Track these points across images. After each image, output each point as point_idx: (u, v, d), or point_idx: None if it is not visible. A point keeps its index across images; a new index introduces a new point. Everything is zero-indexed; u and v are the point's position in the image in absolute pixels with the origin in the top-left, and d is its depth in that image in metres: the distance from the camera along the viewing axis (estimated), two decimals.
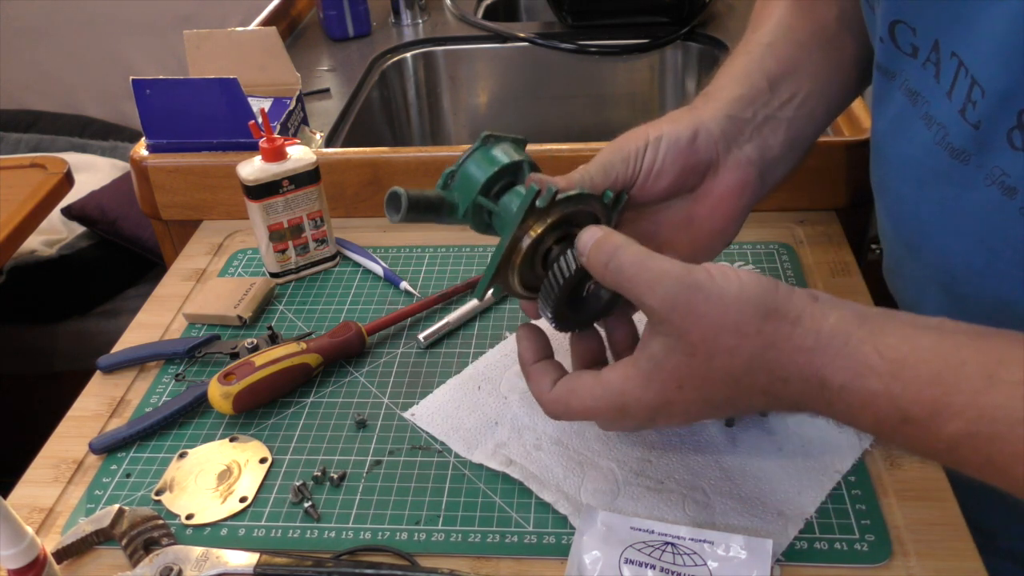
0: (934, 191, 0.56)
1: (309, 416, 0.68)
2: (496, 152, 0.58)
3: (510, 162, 0.58)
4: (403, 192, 0.56)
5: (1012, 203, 0.50)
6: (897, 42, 0.56)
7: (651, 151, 0.59)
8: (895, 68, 0.58)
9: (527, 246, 0.55)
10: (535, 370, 0.56)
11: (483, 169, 0.58)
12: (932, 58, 0.53)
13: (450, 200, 0.58)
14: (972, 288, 0.57)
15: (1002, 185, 0.51)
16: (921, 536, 0.55)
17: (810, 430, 0.62)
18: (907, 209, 0.61)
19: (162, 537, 0.58)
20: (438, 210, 0.58)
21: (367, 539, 0.58)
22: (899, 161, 0.61)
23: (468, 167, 0.58)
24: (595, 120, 1.33)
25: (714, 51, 1.22)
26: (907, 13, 0.55)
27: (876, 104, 0.64)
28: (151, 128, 0.90)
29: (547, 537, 0.57)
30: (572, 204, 0.55)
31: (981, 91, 0.49)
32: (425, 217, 0.57)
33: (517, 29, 1.28)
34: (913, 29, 0.54)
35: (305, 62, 1.23)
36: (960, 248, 0.56)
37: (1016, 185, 0.50)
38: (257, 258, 0.86)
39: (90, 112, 2.21)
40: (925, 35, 0.54)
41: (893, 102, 0.60)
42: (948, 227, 0.57)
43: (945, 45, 0.52)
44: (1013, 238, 0.52)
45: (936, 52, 0.53)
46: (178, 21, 2.00)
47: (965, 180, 0.53)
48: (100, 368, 0.74)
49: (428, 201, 0.57)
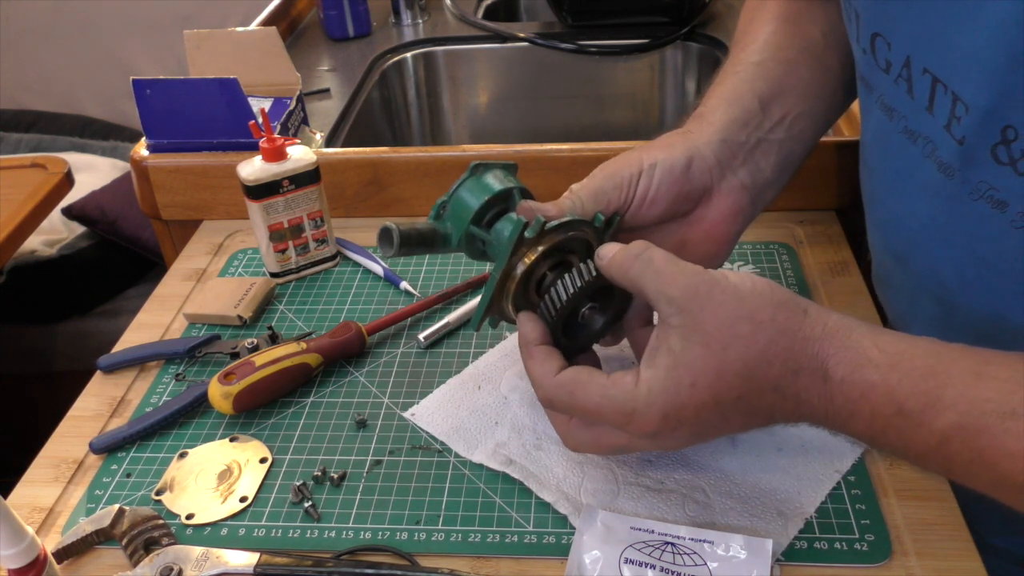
0: (922, 204, 0.57)
1: (309, 416, 0.68)
2: (486, 180, 0.59)
3: (501, 190, 0.59)
4: (395, 228, 0.57)
5: (1004, 216, 0.51)
6: (875, 55, 0.56)
7: (645, 179, 0.59)
8: (873, 81, 0.58)
9: (521, 273, 0.56)
10: (539, 351, 0.54)
11: (474, 198, 0.59)
12: (903, 74, 0.54)
13: (442, 231, 0.59)
14: (964, 299, 0.57)
15: (991, 199, 0.51)
16: (921, 536, 0.55)
17: (810, 430, 0.62)
18: (896, 221, 0.61)
19: (162, 537, 0.58)
20: (431, 242, 0.59)
21: (367, 539, 0.58)
22: (886, 174, 0.61)
23: (459, 197, 0.59)
24: (595, 120, 1.33)
25: (714, 51, 1.22)
26: (884, 27, 0.55)
27: (861, 114, 0.64)
28: (151, 128, 0.90)
29: (547, 537, 0.57)
30: (562, 232, 0.56)
31: (965, 107, 0.49)
32: (418, 250, 0.58)
33: (517, 29, 1.28)
34: (889, 44, 0.54)
35: (305, 62, 1.23)
36: (950, 259, 0.56)
37: (1007, 199, 0.50)
38: (257, 258, 0.86)
39: (90, 112, 2.21)
40: (898, 50, 0.54)
41: (873, 115, 0.60)
42: (937, 238, 0.57)
43: (917, 61, 0.52)
44: (1006, 250, 0.52)
45: (907, 68, 0.53)
46: (178, 21, 2.01)
47: (952, 194, 0.53)
48: (100, 368, 0.74)
49: (420, 235, 0.58)
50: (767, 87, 0.64)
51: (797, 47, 0.66)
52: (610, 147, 0.85)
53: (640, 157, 0.60)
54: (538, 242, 0.55)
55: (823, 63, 0.66)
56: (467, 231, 0.59)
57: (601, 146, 0.86)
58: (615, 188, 0.59)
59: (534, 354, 0.54)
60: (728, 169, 0.61)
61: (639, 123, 1.32)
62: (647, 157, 0.60)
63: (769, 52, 0.66)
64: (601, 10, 1.27)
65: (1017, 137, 0.47)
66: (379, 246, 0.58)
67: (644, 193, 0.59)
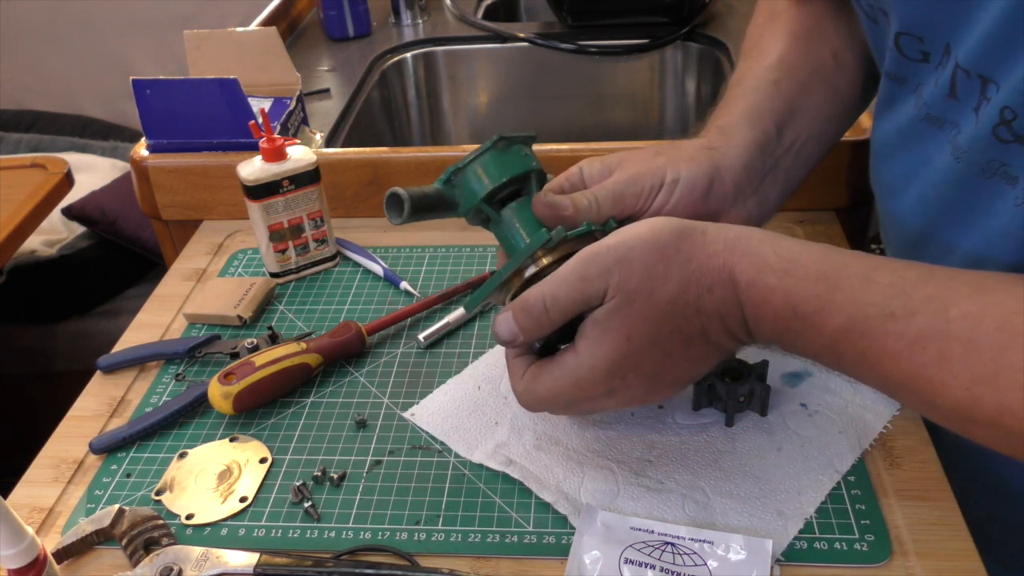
0: (943, 188, 0.57)
1: (309, 416, 0.68)
2: (506, 158, 0.58)
3: (519, 173, 0.58)
4: (405, 193, 0.55)
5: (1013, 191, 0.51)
6: (903, 51, 0.56)
7: (665, 193, 0.60)
8: (906, 74, 0.58)
9: (529, 276, 0.56)
10: (513, 364, 0.58)
11: (491, 177, 0.57)
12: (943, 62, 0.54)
13: (450, 196, 0.58)
14: None
15: (1006, 175, 0.52)
16: (921, 536, 0.55)
17: (810, 430, 0.62)
18: (915, 208, 0.61)
19: (162, 537, 0.58)
20: (438, 207, 0.58)
21: (367, 539, 0.58)
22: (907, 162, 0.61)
23: (475, 170, 0.58)
24: (595, 120, 1.33)
25: (714, 51, 1.22)
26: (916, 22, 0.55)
27: (881, 110, 0.64)
28: (151, 128, 0.91)
29: (547, 537, 0.57)
30: (579, 243, 0.56)
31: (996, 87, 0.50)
32: (426, 216, 0.58)
33: (517, 29, 1.28)
34: (921, 38, 0.55)
35: (305, 62, 1.23)
36: (965, 241, 0.56)
37: (1018, 174, 0.51)
38: (257, 258, 0.86)
39: (90, 112, 2.21)
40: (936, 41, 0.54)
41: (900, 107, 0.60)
42: (954, 219, 0.57)
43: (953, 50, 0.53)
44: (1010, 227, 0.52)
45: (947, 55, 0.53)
46: (178, 21, 2.01)
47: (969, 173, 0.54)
48: (100, 368, 0.74)
49: (429, 200, 0.57)
50: (783, 108, 0.64)
51: (809, 68, 0.66)
52: (610, 147, 0.85)
53: (664, 168, 0.60)
54: (553, 248, 0.56)
55: (833, 85, 0.67)
56: (477, 205, 0.58)
57: (601, 146, 0.86)
58: (634, 196, 0.59)
59: (510, 367, 0.58)
60: (740, 197, 0.62)
61: (639, 123, 1.32)
62: (671, 170, 0.60)
63: (784, 72, 0.66)
64: (601, 10, 1.27)
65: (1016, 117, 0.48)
66: (387, 213, 0.57)
67: (661, 207, 0.59)
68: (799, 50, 0.67)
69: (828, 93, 0.66)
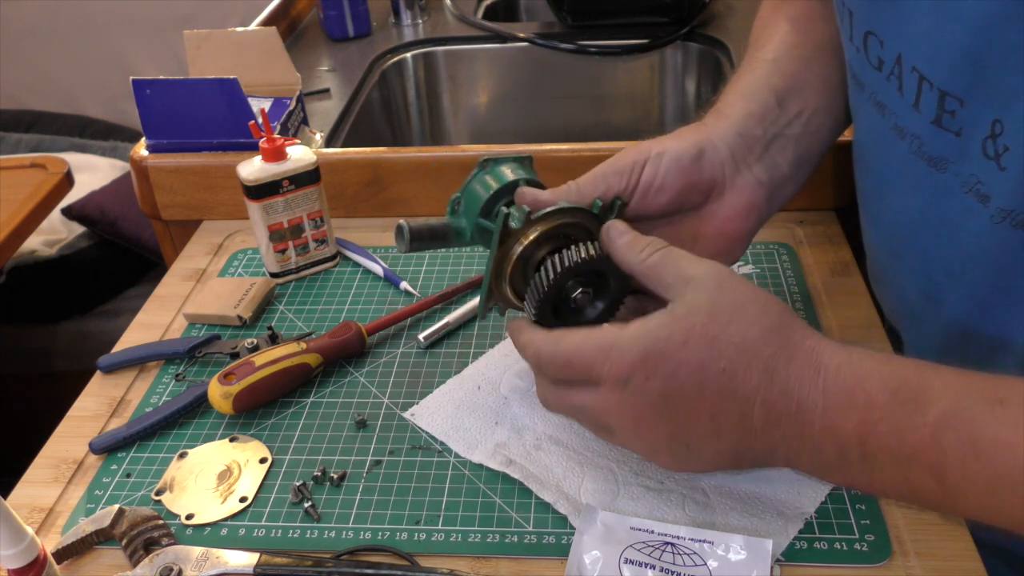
0: (914, 199, 0.57)
1: (309, 416, 0.68)
2: (493, 174, 0.61)
3: (506, 183, 0.60)
4: (405, 224, 0.59)
5: (986, 210, 0.51)
6: (868, 53, 0.57)
7: (651, 166, 0.59)
8: (865, 79, 0.58)
9: (517, 256, 0.57)
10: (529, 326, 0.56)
11: (481, 192, 0.60)
12: (895, 71, 0.54)
13: (457, 226, 0.61)
14: (951, 294, 0.58)
15: (977, 193, 0.51)
16: (921, 536, 0.55)
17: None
18: (890, 216, 0.61)
19: (162, 537, 0.58)
20: (444, 237, 0.61)
21: (367, 539, 0.58)
22: (878, 170, 0.61)
23: (469, 191, 0.61)
24: (595, 120, 1.33)
25: (714, 51, 1.22)
26: (877, 25, 0.55)
27: (854, 114, 0.64)
28: (151, 128, 0.91)
29: (547, 537, 0.57)
30: (554, 218, 0.56)
31: (958, 102, 0.50)
32: (432, 244, 0.60)
33: (517, 29, 1.28)
34: (881, 42, 0.55)
35: (305, 62, 1.23)
36: (940, 254, 0.57)
37: (989, 193, 0.51)
38: (257, 258, 0.86)
39: (90, 112, 2.21)
40: (890, 48, 0.54)
41: (865, 113, 0.60)
42: (929, 232, 0.57)
43: (907, 59, 0.53)
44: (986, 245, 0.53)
45: (899, 66, 0.53)
46: (178, 21, 2.01)
47: (943, 188, 0.54)
48: (100, 368, 0.74)
49: (432, 230, 0.60)
50: (783, 82, 0.64)
51: (812, 44, 0.66)
52: (610, 147, 0.85)
53: (649, 146, 0.60)
54: (535, 226, 0.56)
55: (839, 59, 0.66)
56: (477, 224, 0.60)
57: (601, 146, 0.86)
58: (615, 173, 0.59)
59: (523, 327, 0.55)
60: (743, 164, 0.61)
61: (639, 123, 1.32)
62: (656, 146, 0.60)
63: (784, 50, 0.66)
64: (601, 10, 1.27)
65: (1003, 131, 0.48)
66: (395, 242, 0.60)
67: (650, 180, 0.59)
68: (800, 30, 0.67)
69: (834, 67, 0.65)
